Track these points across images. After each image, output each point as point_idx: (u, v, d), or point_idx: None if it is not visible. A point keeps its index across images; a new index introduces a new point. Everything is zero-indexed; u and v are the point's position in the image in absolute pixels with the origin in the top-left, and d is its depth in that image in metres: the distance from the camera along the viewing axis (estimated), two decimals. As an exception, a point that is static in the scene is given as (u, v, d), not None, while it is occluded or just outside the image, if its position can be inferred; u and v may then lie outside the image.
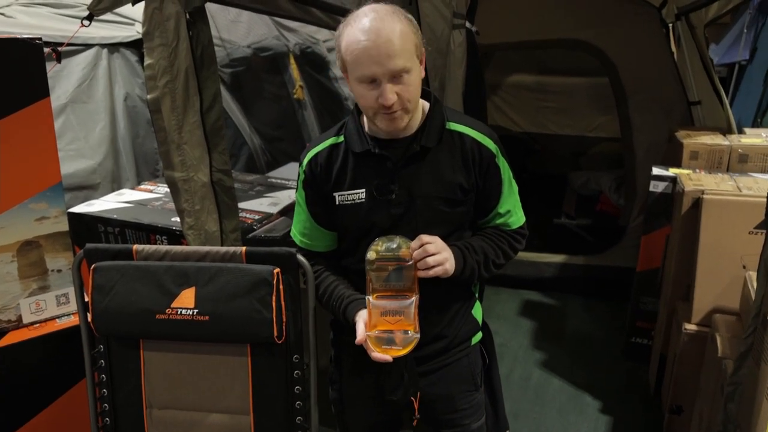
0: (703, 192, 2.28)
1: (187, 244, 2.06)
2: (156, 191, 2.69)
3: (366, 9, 1.27)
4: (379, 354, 1.26)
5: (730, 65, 5.53)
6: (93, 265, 1.43)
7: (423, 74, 1.35)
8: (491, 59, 5.29)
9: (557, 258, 3.74)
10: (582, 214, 4.22)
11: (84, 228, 2.36)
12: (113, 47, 3.29)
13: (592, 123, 5.45)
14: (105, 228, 2.35)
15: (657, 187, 2.71)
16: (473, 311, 1.54)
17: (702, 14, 3.00)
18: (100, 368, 1.50)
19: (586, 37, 3.67)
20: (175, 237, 2.19)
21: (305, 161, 1.44)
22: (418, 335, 1.27)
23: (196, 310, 1.37)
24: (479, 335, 1.58)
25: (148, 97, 1.92)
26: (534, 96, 5.58)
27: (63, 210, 1.78)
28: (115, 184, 3.07)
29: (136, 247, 1.44)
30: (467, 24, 1.56)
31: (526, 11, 3.81)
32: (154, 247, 1.44)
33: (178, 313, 1.38)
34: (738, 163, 2.80)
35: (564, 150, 5.51)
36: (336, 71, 4.75)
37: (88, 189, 2.92)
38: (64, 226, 1.78)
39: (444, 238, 1.36)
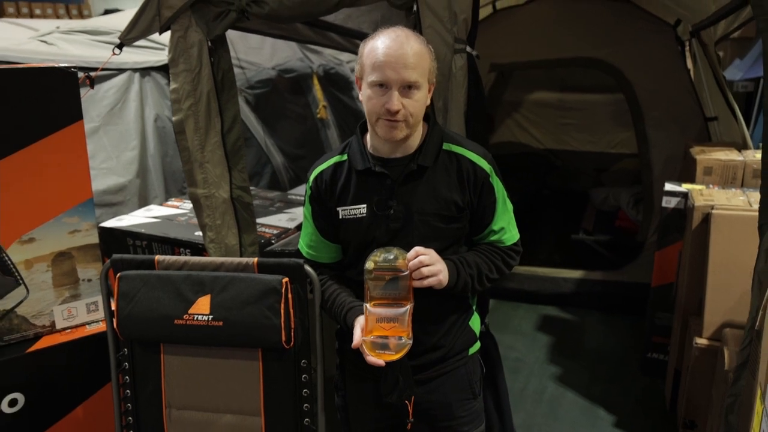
0: (712, 207, 2.31)
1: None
2: (182, 207, 2.83)
3: (394, 27, 1.41)
4: (373, 358, 1.34)
5: (756, 79, 5.50)
6: (119, 274, 1.54)
7: (429, 101, 1.46)
8: (512, 77, 5.38)
9: (575, 273, 3.77)
10: (601, 230, 4.24)
11: (114, 241, 2.50)
12: (144, 71, 3.46)
13: (614, 139, 5.45)
14: (133, 241, 2.48)
15: (669, 202, 2.74)
16: (470, 323, 1.60)
17: (711, 32, 3.04)
18: (124, 370, 1.61)
19: (602, 55, 3.73)
20: (197, 250, 2.31)
21: (311, 178, 1.54)
22: (411, 341, 1.35)
23: (211, 316, 1.48)
24: (477, 346, 1.64)
25: (173, 119, 2.05)
26: (556, 113, 5.62)
27: (93, 224, 1.91)
28: (144, 201, 3.22)
29: (157, 257, 1.55)
30: (468, 48, 1.65)
31: (543, 30, 3.89)
32: (174, 257, 1.55)
33: (195, 318, 1.48)
34: (752, 178, 2.81)
35: (586, 166, 5.53)
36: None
37: (119, 205, 3.06)
38: (94, 238, 1.91)
39: (439, 252, 1.43)
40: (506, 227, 1.55)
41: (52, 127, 1.81)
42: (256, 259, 1.51)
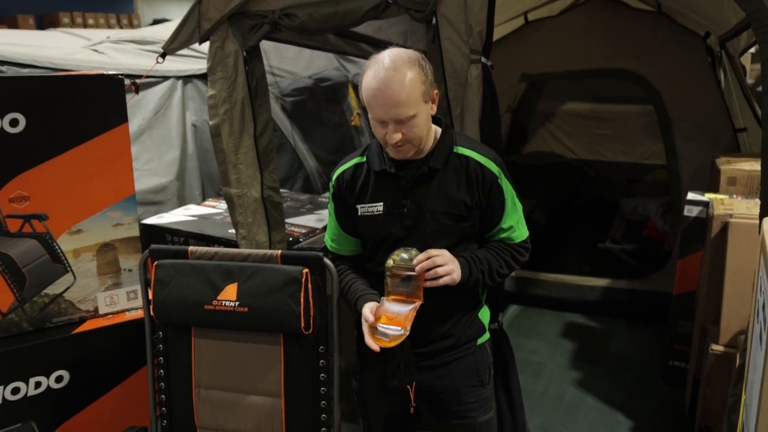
0: (731, 216, 2.34)
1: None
2: (218, 207, 2.99)
3: (385, 54, 1.45)
4: (370, 340, 1.46)
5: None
6: (156, 263, 1.68)
7: (434, 110, 1.53)
8: (545, 88, 5.42)
9: (601, 282, 3.79)
10: (629, 239, 4.25)
11: (154, 237, 2.66)
12: (187, 78, 3.65)
13: (647, 150, 5.44)
14: (172, 237, 2.65)
15: (691, 211, 2.77)
16: (479, 315, 1.69)
17: (736, 44, 3.06)
18: (159, 352, 1.75)
19: (632, 66, 3.76)
20: (231, 247, 2.46)
21: (334, 177, 1.66)
22: (407, 333, 1.45)
23: (237, 302, 1.60)
24: (485, 336, 1.72)
25: (210, 123, 2.20)
26: (589, 123, 5.63)
27: (135, 218, 2.07)
28: (183, 201, 3.39)
29: (191, 248, 1.70)
30: (483, 59, 1.75)
31: (574, 41, 3.95)
32: (205, 248, 1.69)
33: (223, 304, 1.61)
34: (777, 189, 2.81)
35: (618, 177, 5.52)
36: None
37: (159, 204, 3.24)
38: (135, 232, 2.07)
39: (450, 249, 1.53)
40: (515, 225, 1.63)
41: (100, 128, 1.98)
42: (279, 252, 1.64)
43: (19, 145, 1.86)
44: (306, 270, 1.59)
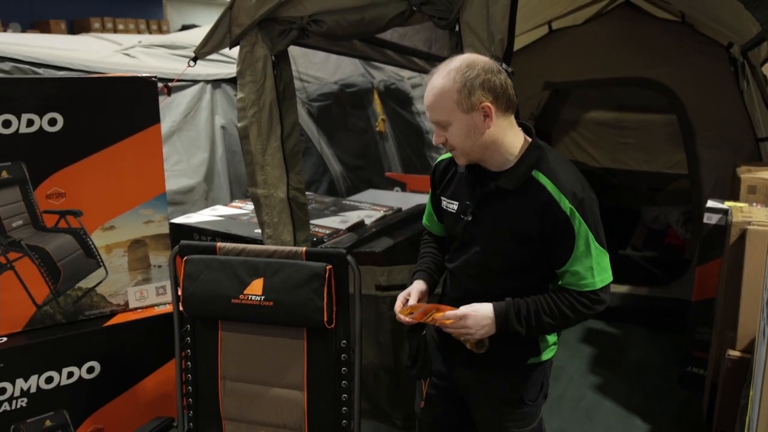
0: (749, 223, 2.35)
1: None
2: (244, 208, 3.07)
3: (444, 63, 1.51)
4: (399, 312, 1.59)
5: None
6: (185, 258, 1.75)
7: (489, 124, 1.47)
8: (569, 96, 5.44)
9: (621, 288, 3.80)
10: (650, 247, 4.25)
11: (182, 236, 2.73)
12: (216, 82, 3.75)
13: (670, 159, 5.41)
14: (200, 237, 2.72)
15: (711, 219, 2.78)
16: (540, 342, 1.65)
17: (757, 53, 3.06)
18: (186, 345, 1.81)
19: (654, 75, 3.77)
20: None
21: (435, 163, 1.74)
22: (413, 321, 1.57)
23: (263, 297, 1.66)
24: (538, 358, 1.66)
25: (239, 125, 2.28)
26: (613, 132, 5.62)
27: (165, 216, 2.14)
28: (210, 202, 3.48)
29: (219, 244, 1.76)
30: (503, 65, 1.79)
31: (597, 50, 3.97)
32: (233, 245, 1.76)
33: (249, 298, 1.67)
34: (798, 198, 2.81)
35: (641, 185, 5.51)
36: (419, 106, 5.07)
37: (187, 204, 3.33)
38: (165, 229, 2.15)
39: (506, 274, 1.55)
40: (583, 273, 1.49)
41: (134, 128, 2.06)
42: (304, 249, 1.70)
43: (57, 143, 1.94)
44: (329, 266, 1.65)
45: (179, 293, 1.79)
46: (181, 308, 1.80)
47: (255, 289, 1.67)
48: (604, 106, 5.53)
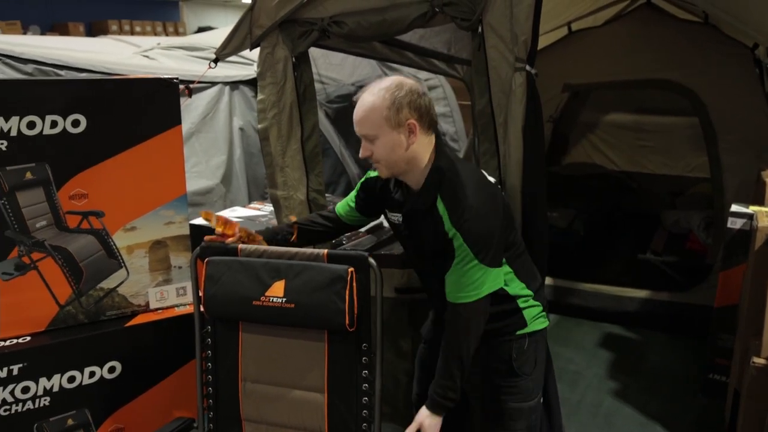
0: (776, 228, 2.31)
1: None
2: (263, 209, 3.07)
3: (373, 82, 1.66)
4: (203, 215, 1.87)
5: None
6: (207, 259, 1.76)
7: (413, 140, 1.62)
8: (588, 98, 5.39)
9: (640, 293, 3.75)
10: (670, 251, 4.20)
11: (201, 237, 2.73)
12: (234, 84, 3.76)
13: (691, 163, 5.34)
14: (218, 238, 2.72)
15: (735, 223, 2.74)
16: (519, 314, 1.78)
17: (783, 55, 3.02)
18: (207, 346, 1.81)
19: (676, 77, 3.73)
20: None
21: (367, 175, 1.89)
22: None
23: (284, 299, 1.66)
24: (526, 329, 1.79)
25: (259, 126, 2.28)
26: (632, 135, 5.56)
27: (186, 217, 2.15)
28: (229, 204, 3.49)
29: (240, 246, 1.76)
30: (527, 67, 1.78)
31: (618, 52, 3.93)
32: (254, 246, 1.76)
33: (270, 300, 1.66)
34: (825, 202, 2.76)
35: (661, 189, 5.45)
36: (435, 108, 5.04)
37: (206, 206, 3.34)
38: (186, 230, 2.15)
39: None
40: (452, 284, 1.64)
41: (156, 130, 2.07)
42: (326, 251, 1.69)
43: (80, 144, 1.96)
44: (351, 269, 1.65)
45: (200, 295, 1.79)
46: (202, 309, 1.80)
47: (276, 291, 1.66)
48: (623, 108, 5.48)
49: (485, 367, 1.78)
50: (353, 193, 1.98)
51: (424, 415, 1.66)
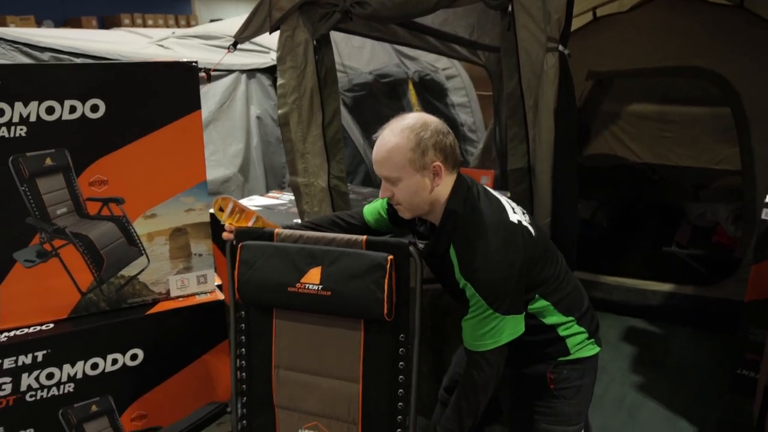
0: (812, 219, 2.24)
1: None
2: (281, 198, 3.04)
3: (394, 120, 1.57)
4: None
5: None
6: (241, 244, 1.70)
7: (437, 183, 1.55)
8: (611, 88, 5.29)
9: (665, 287, 3.67)
10: (695, 244, 4.11)
11: (219, 226, 2.69)
12: (251, 72, 3.72)
13: (716, 155, 5.22)
14: (237, 226, 2.69)
15: (768, 215, 2.65)
16: (560, 343, 1.68)
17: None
18: (241, 331, 1.77)
19: (707, 64, 3.61)
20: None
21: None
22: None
23: (320, 286, 1.59)
24: (569, 357, 1.68)
25: (279, 112, 2.24)
26: (655, 126, 5.44)
27: (206, 204, 2.11)
28: (246, 193, 3.46)
29: (277, 230, 1.71)
30: (560, 47, 1.71)
31: (645, 38, 3.82)
32: (290, 231, 1.69)
33: (306, 287, 1.60)
34: None
35: (684, 182, 5.34)
36: (454, 98, 4.99)
37: (224, 194, 3.31)
38: (206, 217, 2.12)
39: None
40: (468, 331, 1.58)
41: (175, 115, 2.03)
42: (365, 237, 1.62)
43: (99, 130, 1.92)
44: (391, 257, 1.56)
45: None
46: (236, 295, 1.75)
47: (312, 277, 1.60)
48: (648, 98, 5.36)
49: (521, 387, 1.71)
50: (384, 202, 1.85)
51: None
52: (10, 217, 1.87)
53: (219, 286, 2.19)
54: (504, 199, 1.65)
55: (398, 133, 1.51)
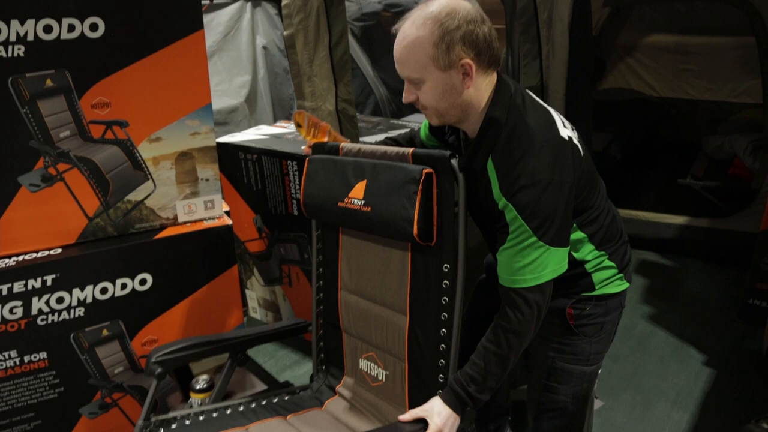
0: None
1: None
2: (289, 128, 2.98)
3: (418, 8, 1.31)
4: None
5: None
6: (308, 158, 1.65)
7: (468, 84, 1.30)
8: (628, 17, 5.10)
9: (678, 219, 3.63)
10: (712, 177, 4.04)
11: (227, 155, 2.68)
12: (256, 1, 3.61)
13: (736, 87, 5.08)
14: (244, 155, 2.66)
15: (789, 141, 2.58)
16: (593, 277, 1.50)
17: None
18: (319, 250, 1.75)
19: (731, -14, 3.47)
20: (304, 162, 2.44)
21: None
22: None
23: (363, 201, 1.49)
24: (594, 292, 1.51)
25: (285, 33, 2.16)
26: (674, 58, 5.28)
27: (212, 127, 2.07)
28: (254, 123, 3.42)
29: (342, 144, 1.62)
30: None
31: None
32: (352, 144, 1.61)
33: (352, 202, 1.52)
34: None
35: (702, 116, 5.21)
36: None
37: (231, 125, 3.28)
38: (212, 141, 2.08)
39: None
40: (505, 264, 1.33)
41: (177, 34, 1.95)
42: (411, 150, 1.47)
43: (99, 50, 1.86)
44: (428, 170, 1.38)
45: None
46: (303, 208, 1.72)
47: (358, 192, 1.49)
48: (666, 28, 5.17)
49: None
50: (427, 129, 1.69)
51: (434, 407, 1.37)
52: (12, 141, 1.84)
53: (227, 212, 2.18)
54: (553, 111, 1.41)
55: (420, 24, 1.27)
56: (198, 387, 2.04)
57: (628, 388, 2.47)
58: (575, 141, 1.37)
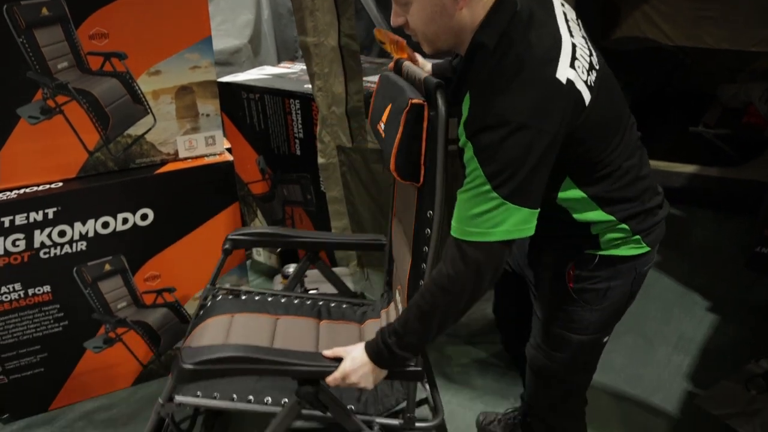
0: None
1: (316, 107, 2.27)
2: (293, 68, 2.93)
3: None
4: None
5: None
6: (380, 75, 1.56)
7: (452, 6, 1.11)
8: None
9: (688, 168, 3.58)
10: (725, 125, 3.95)
11: (229, 95, 2.64)
12: (260, -63, 3.50)
13: (756, 36, 4.90)
14: (247, 95, 2.62)
15: (806, 85, 2.50)
16: (600, 239, 1.31)
17: None
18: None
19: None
20: (306, 101, 2.41)
21: None
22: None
23: (384, 126, 1.38)
24: (597, 251, 1.32)
25: (286, -37, 2.08)
26: (691, 5, 5.10)
27: (212, 61, 2.03)
28: (258, 64, 3.36)
29: (405, 63, 1.48)
30: None
31: None
32: (409, 65, 1.47)
33: (381, 127, 1.42)
34: None
35: (718, 66, 5.07)
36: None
37: (235, 66, 3.22)
38: (212, 75, 2.04)
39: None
40: (458, 210, 1.15)
41: (175, -36, 1.90)
42: (425, 76, 1.33)
43: (95, -23, 1.82)
44: (417, 101, 1.24)
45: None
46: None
47: (385, 116, 1.37)
48: (686, -29, 5.00)
49: (540, 277, 1.41)
50: None
51: (353, 350, 1.29)
52: (10, 72, 1.80)
53: (228, 149, 2.15)
54: (570, 42, 1.13)
55: None
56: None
57: (629, 332, 2.46)
58: (580, 85, 1.11)
